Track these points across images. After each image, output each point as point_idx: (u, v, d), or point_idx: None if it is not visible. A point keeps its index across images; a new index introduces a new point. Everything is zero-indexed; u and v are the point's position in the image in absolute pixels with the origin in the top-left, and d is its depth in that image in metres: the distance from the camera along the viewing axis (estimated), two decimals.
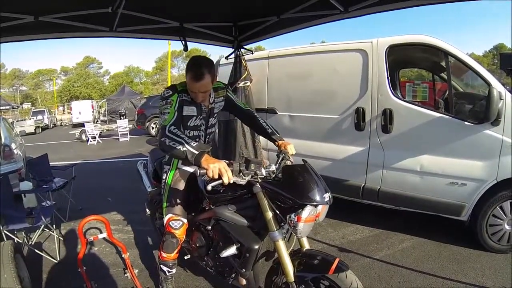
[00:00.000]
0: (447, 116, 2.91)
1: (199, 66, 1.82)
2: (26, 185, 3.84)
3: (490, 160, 2.70)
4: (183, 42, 3.59)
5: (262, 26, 3.55)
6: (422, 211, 3.12)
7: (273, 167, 1.81)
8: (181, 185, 2.10)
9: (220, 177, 1.51)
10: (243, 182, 1.62)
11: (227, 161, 1.70)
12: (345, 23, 3.09)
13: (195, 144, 1.65)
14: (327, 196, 1.54)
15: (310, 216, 1.52)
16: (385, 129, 3.11)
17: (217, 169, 1.50)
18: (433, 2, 2.43)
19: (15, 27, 2.57)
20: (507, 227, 2.78)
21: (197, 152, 1.58)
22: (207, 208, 2.03)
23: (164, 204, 2.11)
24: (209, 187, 1.58)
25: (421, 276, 2.55)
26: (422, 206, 3.07)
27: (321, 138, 3.58)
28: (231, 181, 1.53)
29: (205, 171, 1.53)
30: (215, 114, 2.15)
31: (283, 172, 1.69)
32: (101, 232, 2.77)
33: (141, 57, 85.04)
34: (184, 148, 1.61)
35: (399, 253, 2.92)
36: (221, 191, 1.71)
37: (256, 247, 1.72)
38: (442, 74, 3.97)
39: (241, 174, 1.62)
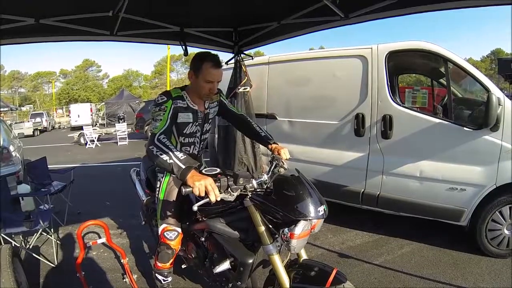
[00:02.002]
0: (446, 122, 2.93)
1: (215, 54, 1.82)
2: (24, 188, 3.83)
3: (489, 166, 2.72)
4: (183, 46, 3.59)
5: (262, 31, 3.55)
6: (421, 217, 3.12)
7: (265, 177, 1.77)
8: (175, 193, 2.04)
9: (207, 195, 1.44)
10: (231, 198, 1.57)
11: (217, 171, 1.67)
12: (344, 28, 3.10)
13: (183, 157, 1.56)
14: (321, 209, 1.46)
15: (304, 231, 1.45)
16: (384, 135, 3.12)
17: (203, 187, 1.42)
18: (434, 9, 2.44)
19: (15, 30, 2.56)
20: (506, 232, 2.79)
21: (183, 167, 1.50)
22: (200, 220, 1.98)
23: (158, 216, 2.08)
24: (195, 208, 1.51)
25: (421, 281, 2.54)
26: (421, 212, 3.08)
27: (321, 144, 3.58)
28: (218, 199, 1.46)
29: (190, 189, 1.45)
30: (210, 120, 2.13)
31: (274, 184, 1.61)
32: (99, 237, 2.76)
33: (140, 61, 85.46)
34: (171, 161, 1.54)
35: (398, 258, 2.92)
36: (212, 204, 1.66)
37: (250, 261, 1.67)
38: (441, 80, 4.00)
39: (229, 189, 1.56)
